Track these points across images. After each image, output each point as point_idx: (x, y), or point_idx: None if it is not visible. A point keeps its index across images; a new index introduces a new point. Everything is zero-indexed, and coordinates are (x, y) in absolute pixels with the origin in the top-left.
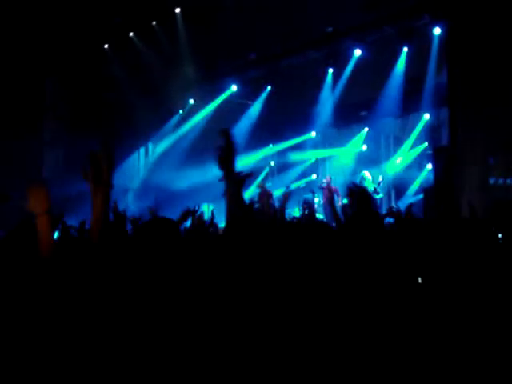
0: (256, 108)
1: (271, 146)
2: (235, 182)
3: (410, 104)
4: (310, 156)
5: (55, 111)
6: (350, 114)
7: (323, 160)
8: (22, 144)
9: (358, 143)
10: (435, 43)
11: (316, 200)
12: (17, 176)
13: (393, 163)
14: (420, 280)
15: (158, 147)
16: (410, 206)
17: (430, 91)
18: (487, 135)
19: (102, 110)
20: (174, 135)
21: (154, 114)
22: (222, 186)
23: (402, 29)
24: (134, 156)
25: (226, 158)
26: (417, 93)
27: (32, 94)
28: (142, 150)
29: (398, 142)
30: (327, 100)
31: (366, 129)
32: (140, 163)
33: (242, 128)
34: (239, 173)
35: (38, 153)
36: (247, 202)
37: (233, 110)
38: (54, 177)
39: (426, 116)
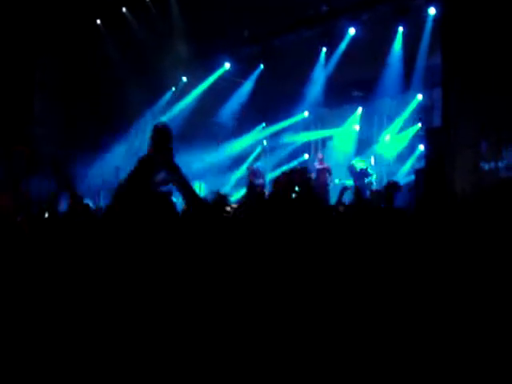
0: (248, 86)
1: (263, 124)
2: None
3: (403, 84)
4: (304, 138)
5: (46, 89)
6: (342, 94)
7: (316, 140)
8: (12, 123)
9: (353, 123)
10: (429, 23)
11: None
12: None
13: (383, 142)
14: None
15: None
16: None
17: (424, 72)
18: (480, 117)
19: (94, 87)
20: (168, 113)
21: (147, 91)
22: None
23: (398, 8)
24: (131, 136)
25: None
26: (410, 73)
27: (22, 71)
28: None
29: (391, 121)
30: (320, 79)
31: (360, 109)
32: (135, 144)
33: (233, 106)
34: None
35: (29, 132)
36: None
37: (226, 88)
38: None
39: (419, 96)
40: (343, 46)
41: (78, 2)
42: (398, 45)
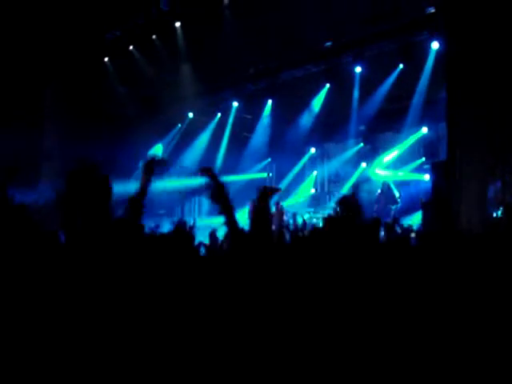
0: (260, 123)
1: (269, 159)
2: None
3: (407, 119)
4: None
5: (54, 122)
6: (347, 129)
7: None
8: (21, 153)
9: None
10: (432, 57)
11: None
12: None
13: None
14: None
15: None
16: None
17: (428, 106)
18: (487, 149)
19: (101, 122)
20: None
21: (153, 127)
22: None
23: (401, 44)
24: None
25: (218, 194)
26: (414, 108)
27: (31, 104)
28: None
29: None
30: (325, 114)
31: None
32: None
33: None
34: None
35: (36, 163)
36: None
37: (233, 125)
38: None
39: (424, 130)
40: (350, 82)
41: (86, 39)
42: (393, 80)
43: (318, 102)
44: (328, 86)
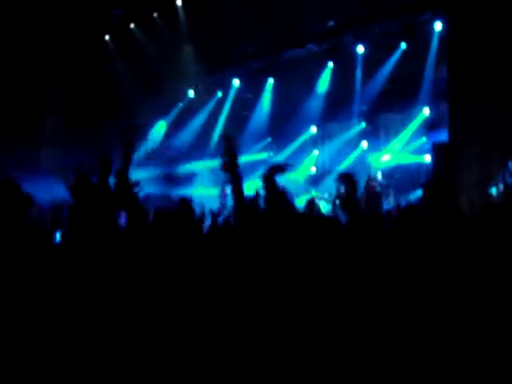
0: (261, 102)
1: (270, 139)
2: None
3: (409, 99)
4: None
5: (56, 107)
6: (349, 108)
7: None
8: (22, 139)
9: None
10: (435, 38)
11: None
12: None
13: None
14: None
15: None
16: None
17: (430, 86)
18: (488, 131)
19: (103, 103)
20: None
21: (156, 107)
22: None
23: (403, 24)
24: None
25: (230, 163)
26: (416, 88)
27: (33, 89)
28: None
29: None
30: (327, 94)
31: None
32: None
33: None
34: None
35: (37, 149)
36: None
37: (234, 104)
38: (52, 173)
39: (426, 111)
40: (351, 61)
41: (86, 19)
42: (397, 59)
43: (320, 82)
44: (331, 65)
